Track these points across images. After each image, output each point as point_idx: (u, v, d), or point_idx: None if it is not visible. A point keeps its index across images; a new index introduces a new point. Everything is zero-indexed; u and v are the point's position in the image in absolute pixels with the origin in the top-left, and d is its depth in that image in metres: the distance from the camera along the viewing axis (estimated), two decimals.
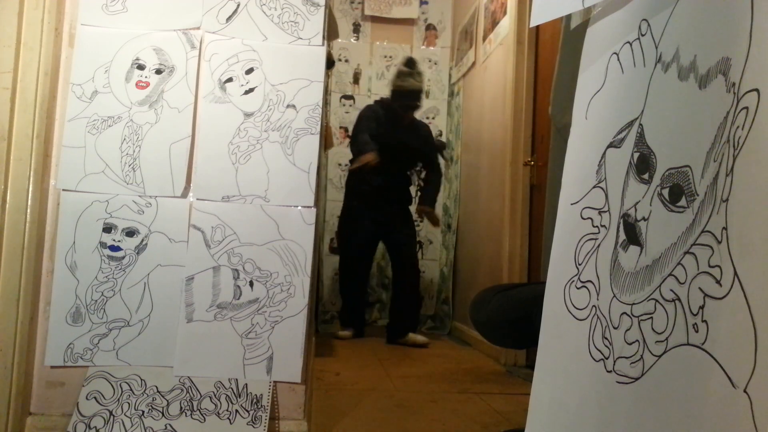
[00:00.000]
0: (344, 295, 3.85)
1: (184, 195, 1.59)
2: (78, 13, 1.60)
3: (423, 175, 4.00)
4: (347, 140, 4.59)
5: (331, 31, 1.77)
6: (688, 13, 0.76)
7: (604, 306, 0.83)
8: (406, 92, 3.69)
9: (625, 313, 0.78)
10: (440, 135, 4.61)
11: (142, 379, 1.53)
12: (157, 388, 1.53)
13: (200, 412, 1.50)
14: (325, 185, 4.46)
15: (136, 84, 1.60)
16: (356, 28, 4.73)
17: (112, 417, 1.48)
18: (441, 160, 4.07)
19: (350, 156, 3.96)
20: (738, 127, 0.63)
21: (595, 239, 0.88)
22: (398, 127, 3.74)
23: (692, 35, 0.75)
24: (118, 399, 1.51)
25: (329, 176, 4.53)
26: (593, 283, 0.86)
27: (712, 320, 0.63)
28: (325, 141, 2.40)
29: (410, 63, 3.78)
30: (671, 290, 0.71)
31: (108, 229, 1.56)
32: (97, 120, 1.57)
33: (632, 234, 0.80)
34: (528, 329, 1.17)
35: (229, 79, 1.63)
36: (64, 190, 1.56)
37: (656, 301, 0.73)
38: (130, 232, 1.57)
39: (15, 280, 1.48)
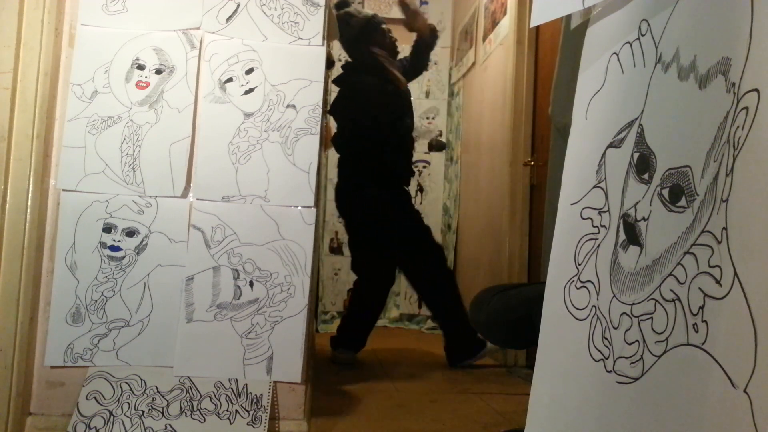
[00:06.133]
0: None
1: (184, 195, 1.59)
2: (78, 13, 1.60)
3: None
4: None
5: (331, 31, 1.77)
6: (688, 13, 0.76)
7: (604, 306, 0.83)
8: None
9: (625, 313, 0.78)
10: (440, 135, 4.61)
11: (142, 379, 1.53)
12: (157, 388, 1.53)
13: (200, 412, 1.50)
14: (325, 185, 4.46)
15: (136, 84, 1.60)
16: None
17: (112, 417, 1.48)
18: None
19: None
20: (738, 127, 0.63)
21: (595, 239, 0.88)
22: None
23: (692, 35, 0.75)
24: (118, 399, 1.51)
25: (329, 176, 4.52)
26: (593, 283, 0.86)
27: (712, 320, 0.63)
28: (325, 141, 2.39)
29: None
30: (671, 290, 0.71)
31: (108, 229, 1.56)
32: (97, 120, 1.57)
33: (632, 234, 0.80)
34: (528, 329, 1.17)
35: (229, 79, 1.63)
36: (64, 190, 1.56)
37: (656, 301, 0.73)
38: (130, 232, 1.57)
39: (15, 280, 1.48)
